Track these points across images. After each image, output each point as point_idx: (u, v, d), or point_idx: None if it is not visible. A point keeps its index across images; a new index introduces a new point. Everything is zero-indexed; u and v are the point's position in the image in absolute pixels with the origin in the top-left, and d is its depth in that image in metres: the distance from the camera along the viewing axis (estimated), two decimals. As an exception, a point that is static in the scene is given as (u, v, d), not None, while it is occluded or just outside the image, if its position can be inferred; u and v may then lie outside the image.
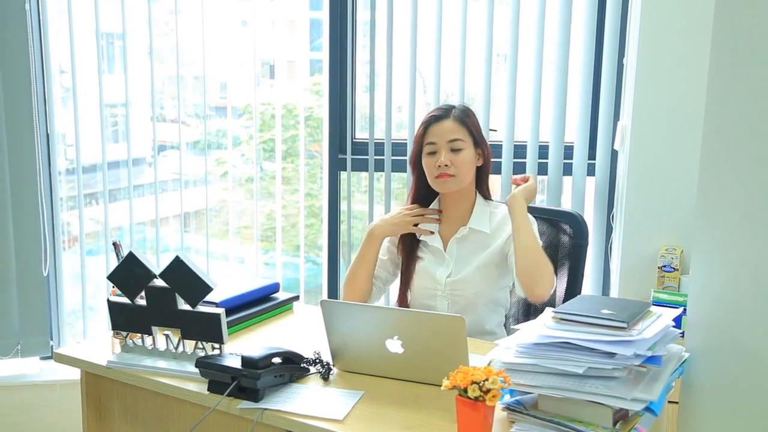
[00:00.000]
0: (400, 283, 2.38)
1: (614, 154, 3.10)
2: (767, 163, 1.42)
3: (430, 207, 2.36)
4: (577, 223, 2.42)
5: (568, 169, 3.15)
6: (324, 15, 3.31)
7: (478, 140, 2.29)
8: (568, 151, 3.14)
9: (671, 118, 2.80)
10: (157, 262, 3.36)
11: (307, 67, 3.67)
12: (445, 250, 2.31)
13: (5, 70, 3.14)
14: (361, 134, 3.38)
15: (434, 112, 2.30)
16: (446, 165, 2.23)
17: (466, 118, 2.28)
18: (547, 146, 3.15)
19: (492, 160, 2.39)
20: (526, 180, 2.32)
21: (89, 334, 3.45)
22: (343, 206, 3.38)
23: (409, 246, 2.36)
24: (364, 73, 3.31)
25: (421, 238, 2.35)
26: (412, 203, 2.37)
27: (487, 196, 2.37)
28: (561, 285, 2.42)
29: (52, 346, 3.39)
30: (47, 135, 3.30)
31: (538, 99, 3.13)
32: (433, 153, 2.26)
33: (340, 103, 3.32)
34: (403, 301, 2.36)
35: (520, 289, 2.18)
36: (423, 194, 2.35)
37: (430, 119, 2.28)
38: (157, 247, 3.48)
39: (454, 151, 2.24)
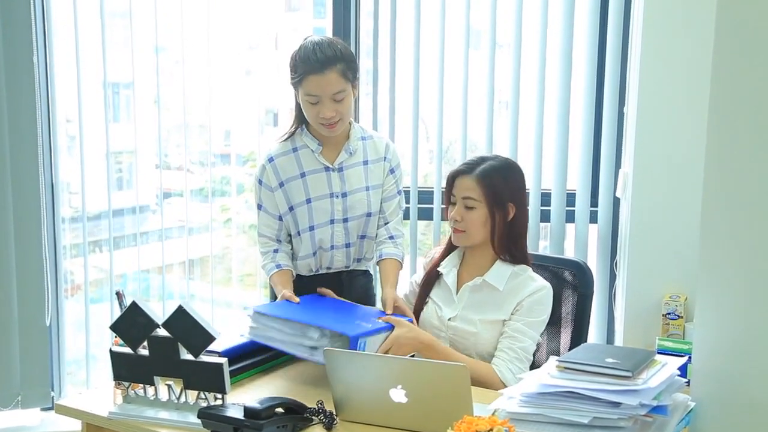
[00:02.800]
0: (414, 312, 2.38)
1: (616, 202, 3.11)
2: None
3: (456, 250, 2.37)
4: (582, 272, 2.40)
5: (570, 217, 3.16)
6: (327, 64, 3.35)
7: (496, 202, 2.22)
8: (571, 199, 3.15)
9: (672, 165, 2.82)
10: (162, 309, 3.35)
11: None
12: (456, 293, 2.31)
13: (12, 120, 3.18)
14: (364, 182, 3.39)
15: (461, 166, 2.28)
16: (456, 220, 2.25)
17: (487, 178, 2.22)
18: (550, 193, 3.16)
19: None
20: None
21: (92, 383, 3.42)
22: (346, 253, 3.37)
23: (430, 280, 2.38)
24: (367, 120, 3.34)
25: (440, 270, 2.35)
26: (447, 245, 2.38)
27: (517, 258, 2.28)
28: (566, 335, 2.40)
29: (53, 397, 3.36)
30: (51, 183, 3.32)
31: (539, 146, 3.15)
32: (453, 204, 2.28)
33: (344, 151, 3.34)
34: None
35: None
36: None
37: (455, 172, 2.28)
38: (163, 295, 3.47)
39: (467, 208, 2.24)
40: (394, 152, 2.57)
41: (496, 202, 2.23)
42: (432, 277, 2.38)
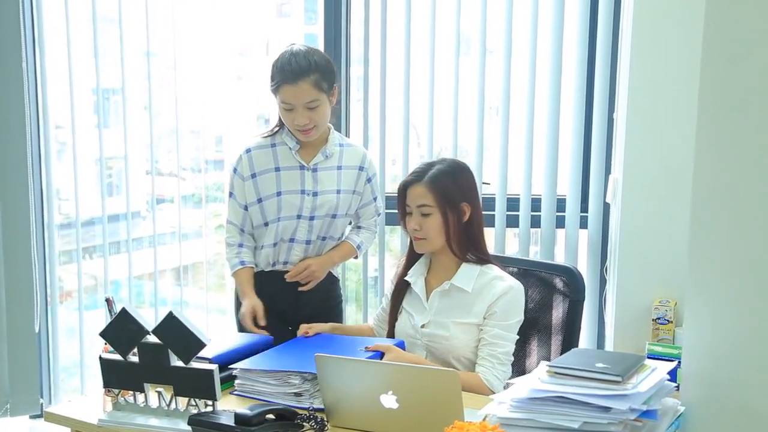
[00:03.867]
0: (389, 325, 2.41)
1: (606, 207, 3.12)
2: (758, 215, 1.43)
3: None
4: (573, 277, 2.39)
5: (560, 222, 3.17)
6: (318, 70, 3.35)
7: (449, 203, 2.25)
8: (561, 204, 3.16)
9: (662, 170, 2.83)
10: (155, 316, 3.34)
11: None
12: (427, 301, 2.31)
13: (1, 126, 3.17)
14: (355, 187, 3.39)
15: (410, 176, 2.30)
16: (416, 229, 2.27)
17: (438, 182, 2.25)
18: (540, 199, 3.17)
19: (484, 213, 2.36)
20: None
21: (86, 390, 3.40)
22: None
23: (400, 290, 2.40)
24: (357, 126, 3.35)
25: (408, 279, 2.37)
26: (409, 255, 2.39)
27: (481, 258, 2.30)
28: (556, 340, 2.40)
29: (42, 404, 3.34)
30: (41, 190, 3.31)
31: (530, 152, 3.15)
32: (410, 214, 2.30)
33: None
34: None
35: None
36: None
37: (405, 182, 2.30)
38: (155, 301, 3.46)
39: (423, 215, 2.26)
40: (371, 162, 2.68)
41: (449, 203, 2.26)
42: (402, 288, 2.40)
